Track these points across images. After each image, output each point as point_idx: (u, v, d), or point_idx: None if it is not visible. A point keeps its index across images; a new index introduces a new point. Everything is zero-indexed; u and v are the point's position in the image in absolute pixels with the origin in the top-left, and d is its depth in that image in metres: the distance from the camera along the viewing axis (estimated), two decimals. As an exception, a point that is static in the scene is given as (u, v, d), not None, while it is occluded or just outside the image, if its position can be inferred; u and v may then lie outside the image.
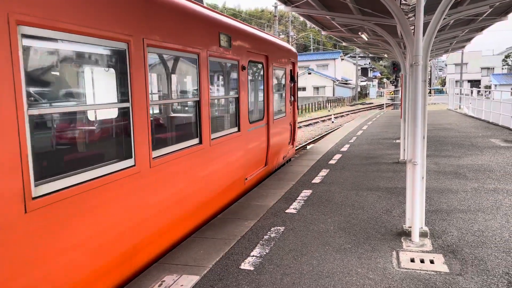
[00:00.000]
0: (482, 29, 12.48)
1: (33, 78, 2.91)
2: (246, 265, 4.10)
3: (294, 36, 78.51)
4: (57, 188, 2.83)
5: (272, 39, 8.42)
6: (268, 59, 7.76)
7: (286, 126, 9.54)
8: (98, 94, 4.09)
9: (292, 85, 9.90)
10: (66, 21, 2.87)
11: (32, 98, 2.83)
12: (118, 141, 3.88)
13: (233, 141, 6.18)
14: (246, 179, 6.86)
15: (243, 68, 6.43)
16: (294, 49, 10.28)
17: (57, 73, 3.48)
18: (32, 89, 2.83)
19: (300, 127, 26.31)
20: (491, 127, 15.89)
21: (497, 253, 4.20)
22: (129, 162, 3.66)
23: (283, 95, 9.33)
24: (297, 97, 10.48)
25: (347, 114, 36.07)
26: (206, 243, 4.75)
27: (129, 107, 3.64)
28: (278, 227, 5.17)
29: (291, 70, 9.76)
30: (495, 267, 3.90)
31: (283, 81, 9.27)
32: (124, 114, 3.67)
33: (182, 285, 3.71)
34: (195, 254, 4.42)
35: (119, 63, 3.65)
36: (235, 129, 6.40)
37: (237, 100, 6.43)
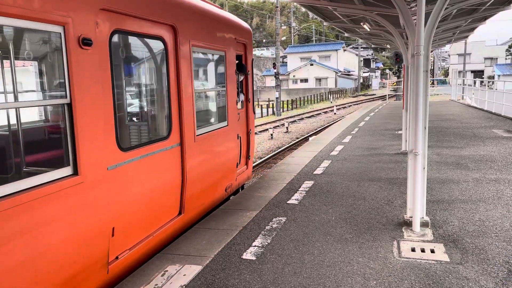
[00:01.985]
0: (485, 18, 12.37)
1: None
2: (248, 255, 4.14)
3: (296, 27, 78.04)
4: None
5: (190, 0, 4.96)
6: (177, 33, 4.45)
7: (230, 141, 6.23)
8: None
9: (242, 78, 6.74)
10: None
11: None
12: None
13: (51, 203, 2.90)
14: (117, 257, 3.69)
15: (86, 42, 3.16)
16: (245, 24, 6.90)
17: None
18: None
19: (302, 118, 26.29)
20: (493, 117, 15.83)
21: (497, 243, 4.23)
22: None
23: (223, 94, 5.97)
24: (253, 95, 7.30)
25: (349, 106, 36.00)
26: (208, 233, 4.79)
27: None
28: (280, 218, 5.21)
29: (239, 56, 6.62)
30: (496, 256, 3.92)
31: (221, 73, 5.92)
32: None
33: (184, 275, 3.76)
34: (197, 245, 4.46)
35: None
36: (64, 171, 3.06)
37: (69, 109, 3.07)
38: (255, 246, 4.35)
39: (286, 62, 61.41)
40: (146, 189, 4.04)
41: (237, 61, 6.43)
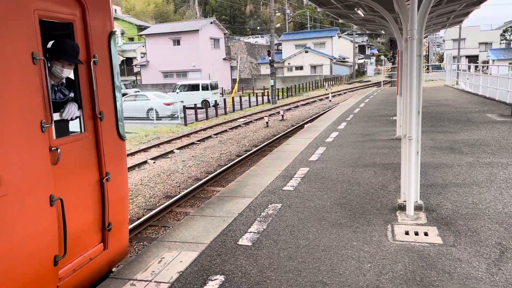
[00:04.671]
0: (479, 3, 12.30)
1: None
2: (244, 241, 4.17)
3: (291, 14, 77.44)
4: None
5: None
6: None
7: (10, 219, 2.60)
8: None
9: (69, 70, 3.31)
10: None
11: None
12: None
13: None
14: None
15: None
16: None
17: None
18: None
19: (297, 106, 26.26)
20: (487, 102, 15.89)
21: (490, 225, 4.28)
22: None
23: None
24: (116, 103, 3.59)
25: (344, 92, 35.97)
26: (204, 220, 4.82)
27: None
28: (275, 204, 5.24)
29: (60, 25, 3.29)
30: (488, 237, 3.98)
31: None
32: None
33: (181, 261, 3.79)
34: (194, 232, 4.49)
35: None
36: None
37: None
38: (251, 232, 4.39)
39: (281, 50, 61.03)
40: None
41: (58, 35, 3.37)
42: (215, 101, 24.96)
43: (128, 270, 3.69)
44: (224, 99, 25.59)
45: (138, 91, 29.52)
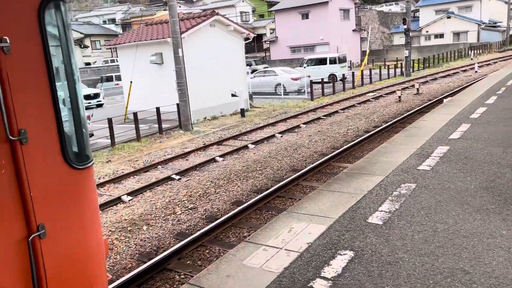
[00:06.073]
0: None
1: None
2: (374, 219, 4.05)
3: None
4: None
5: None
6: None
7: None
8: None
9: None
10: None
11: None
12: None
13: None
14: None
15: None
16: None
17: None
18: None
19: (435, 79, 23.94)
20: None
21: None
22: None
23: None
24: (71, 110, 2.39)
25: (494, 62, 31.42)
26: (332, 196, 4.80)
27: None
28: (409, 184, 4.93)
29: None
30: None
31: None
32: None
33: (310, 233, 3.87)
34: (321, 206, 4.53)
35: None
36: None
37: None
38: (381, 211, 4.23)
39: (418, 17, 55.77)
40: None
41: None
42: (343, 75, 24.26)
43: (261, 236, 3.92)
44: (353, 73, 24.71)
45: (267, 67, 30.44)
